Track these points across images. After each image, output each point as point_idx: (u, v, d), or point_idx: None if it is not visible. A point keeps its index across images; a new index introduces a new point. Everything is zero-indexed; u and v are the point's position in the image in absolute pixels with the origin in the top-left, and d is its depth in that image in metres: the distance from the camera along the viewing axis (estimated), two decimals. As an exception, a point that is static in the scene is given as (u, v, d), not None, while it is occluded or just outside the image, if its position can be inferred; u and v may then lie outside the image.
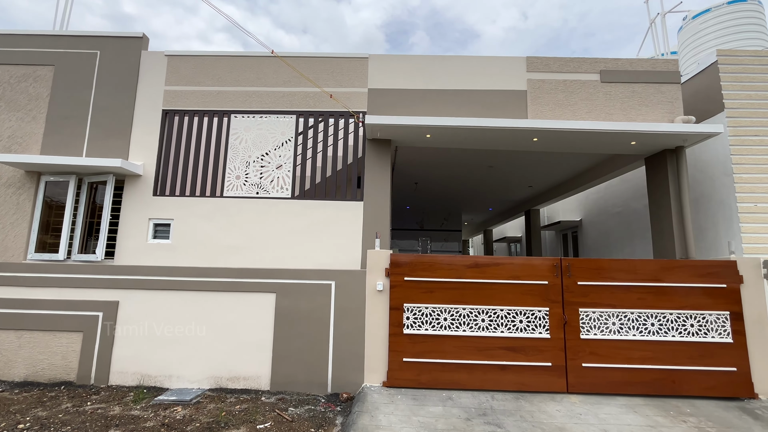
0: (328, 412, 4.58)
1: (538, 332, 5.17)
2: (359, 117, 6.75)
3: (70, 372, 5.31)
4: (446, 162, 8.81)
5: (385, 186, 6.56)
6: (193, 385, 5.19)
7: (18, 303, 5.51)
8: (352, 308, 5.34)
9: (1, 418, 4.15)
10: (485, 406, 4.57)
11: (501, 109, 6.75)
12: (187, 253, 6.44)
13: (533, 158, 8.37)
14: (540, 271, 5.30)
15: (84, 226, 6.65)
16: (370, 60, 7.02)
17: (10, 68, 7.15)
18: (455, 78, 6.93)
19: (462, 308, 5.25)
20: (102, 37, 7.15)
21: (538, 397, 4.87)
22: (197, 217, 6.57)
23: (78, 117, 6.88)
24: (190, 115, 6.95)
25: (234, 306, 5.43)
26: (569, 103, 6.76)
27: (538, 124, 6.12)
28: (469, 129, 6.20)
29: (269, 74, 6.98)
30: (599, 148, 6.98)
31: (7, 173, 6.82)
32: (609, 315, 5.15)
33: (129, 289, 5.47)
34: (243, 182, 6.72)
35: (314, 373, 5.20)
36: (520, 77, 6.89)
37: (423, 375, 5.09)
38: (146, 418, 4.22)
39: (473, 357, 5.12)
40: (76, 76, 7.02)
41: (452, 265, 5.35)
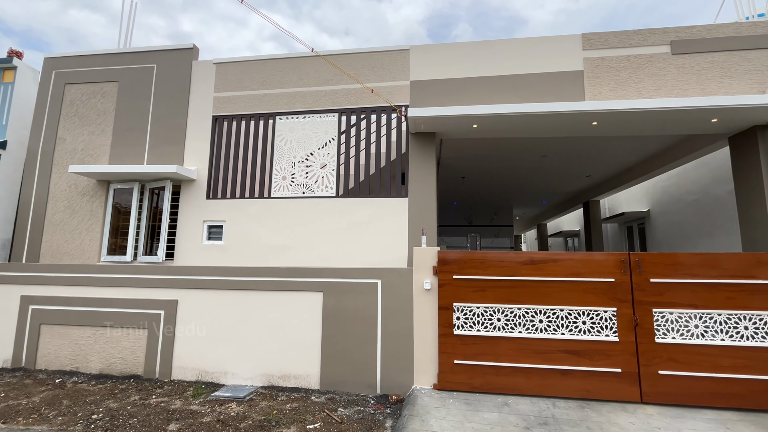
0: (378, 414, 4.47)
1: (605, 335, 4.68)
2: (402, 111, 6.57)
3: (138, 366, 5.67)
4: (495, 153, 8.37)
5: (430, 181, 6.33)
6: (246, 382, 5.32)
7: (93, 302, 5.98)
8: (399, 307, 5.19)
9: (79, 408, 4.50)
10: (546, 414, 4.21)
11: (554, 92, 6.24)
12: (238, 254, 6.65)
13: (592, 144, 7.69)
14: (605, 267, 4.80)
15: (147, 230, 7.11)
16: (411, 52, 6.81)
17: (82, 86, 7.82)
18: (502, 63, 6.52)
19: (517, 308, 4.89)
20: (157, 51, 7.59)
21: (606, 406, 4.41)
22: (247, 218, 6.76)
23: (139, 128, 7.37)
24: (237, 120, 7.17)
25: (283, 305, 5.49)
26: (634, 80, 6.09)
27: (598, 105, 5.55)
28: (520, 116, 5.77)
29: (311, 74, 7.01)
30: (671, 128, 6.22)
31: (82, 183, 7.46)
32: (690, 317, 4.54)
33: (186, 289, 5.74)
34: (289, 183, 6.81)
35: (363, 373, 5.12)
36: (575, 57, 6.32)
37: (476, 378, 4.82)
38: (203, 414, 4.36)
39: (531, 360, 4.75)
40: (137, 90, 7.52)
41: (504, 262, 5.00)
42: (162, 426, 4.05)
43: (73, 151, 7.62)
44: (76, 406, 4.57)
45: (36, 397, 4.81)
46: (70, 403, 4.63)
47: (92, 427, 4.03)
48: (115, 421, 4.15)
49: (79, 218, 7.34)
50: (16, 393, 4.95)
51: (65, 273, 6.04)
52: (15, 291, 6.04)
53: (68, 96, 7.84)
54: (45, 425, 4.07)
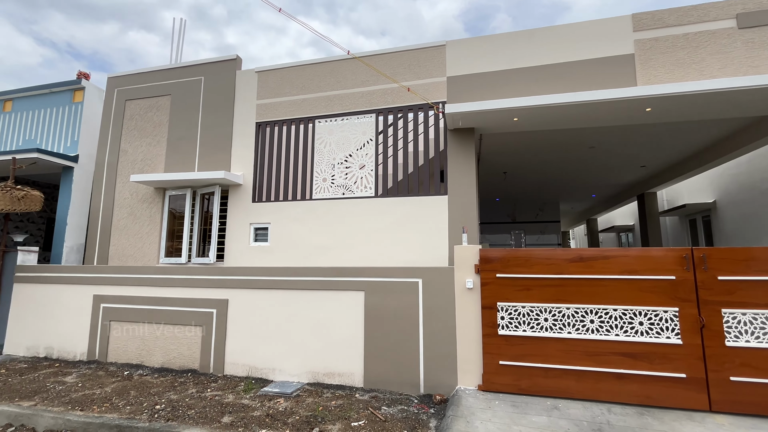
0: (421, 413, 4.44)
1: (665, 337, 4.34)
2: (439, 107, 6.49)
3: (195, 361, 6.04)
4: (538, 147, 8.03)
5: (470, 178, 6.20)
6: (293, 379, 5.49)
7: (154, 300, 6.45)
8: (441, 307, 5.13)
9: (144, 399, 4.87)
10: (600, 420, 3.98)
11: (601, 79, 5.88)
12: (282, 254, 6.88)
13: (646, 133, 7.16)
14: (664, 263, 4.45)
15: (199, 233, 7.56)
16: (447, 47, 6.70)
17: (140, 102, 8.46)
18: (543, 53, 6.24)
19: (565, 307, 4.67)
20: (204, 64, 8.04)
21: (669, 414, 4.09)
22: (290, 220, 6.98)
23: (190, 137, 7.85)
24: (279, 125, 7.43)
25: (325, 304, 5.61)
26: (693, 60, 5.60)
27: (652, 90, 5.16)
28: (565, 106, 5.50)
29: (348, 76, 7.11)
30: (740, 110, 5.64)
31: (142, 191, 8.07)
32: (767, 318, 4.10)
33: (235, 289, 6.03)
34: (329, 184, 6.95)
35: (406, 372, 5.11)
36: (625, 39, 5.92)
37: (523, 380, 4.65)
38: (254, 408, 4.56)
39: (582, 363, 4.51)
40: (187, 102, 8.01)
41: (551, 260, 4.79)
42: (217, 418, 4.29)
43: (133, 161, 8.27)
44: (142, 396, 4.95)
45: (108, 388, 5.27)
46: (136, 394, 5.02)
47: (156, 416, 4.35)
48: (176, 412, 4.45)
49: (140, 223, 7.95)
50: (91, 383, 5.45)
51: (129, 274, 6.56)
52: (88, 291, 6.65)
53: (128, 111, 8.51)
54: (116, 413, 4.44)
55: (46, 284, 6.88)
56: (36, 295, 6.91)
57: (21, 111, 9.51)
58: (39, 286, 6.93)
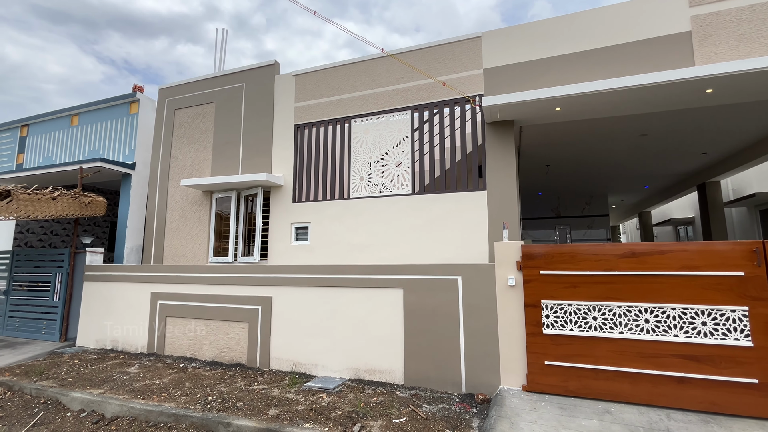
0: (463, 412, 4.37)
1: (733, 338, 3.98)
2: (475, 100, 6.34)
3: (242, 356, 6.32)
4: (582, 137, 7.62)
5: (510, 172, 6.00)
6: (335, 375, 5.60)
7: (204, 297, 6.82)
8: (481, 304, 5.01)
9: (197, 390, 5.16)
10: (658, 426, 3.71)
11: (653, 61, 5.48)
12: (322, 253, 7.03)
13: (706, 116, 6.58)
14: (730, 258, 4.07)
15: (244, 233, 7.89)
16: (483, 38, 6.52)
17: (188, 110, 8.96)
18: (586, 37, 5.91)
19: (616, 306, 4.40)
20: (245, 71, 8.37)
21: (738, 422, 3.74)
22: (329, 219, 7.11)
23: (233, 142, 8.21)
24: (316, 126, 7.59)
25: (365, 301, 5.66)
26: (762, 34, 5.07)
27: (713, 69, 4.72)
28: (612, 92, 5.17)
29: (382, 74, 7.12)
30: (818, 86, 5.05)
31: (191, 194, 8.55)
32: None
33: (279, 286, 6.23)
34: (366, 183, 7.00)
35: (446, 370, 5.05)
36: (680, 16, 5.47)
37: (571, 381, 4.44)
38: (298, 402, 4.70)
39: (636, 365, 4.24)
40: (230, 108, 8.38)
41: (599, 255, 4.53)
42: (263, 410, 4.46)
43: (183, 166, 8.78)
44: (195, 388, 5.25)
45: (165, 379, 5.64)
46: (191, 386, 5.34)
47: (208, 407, 4.59)
48: (226, 403, 4.67)
49: (190, 225, 8.43)
50: (151, 374, 5.86)
51: (182, 273, 6.98)
52: (147, 288, 7.16)
53: (178, 119, 9.04)
54: (173, 403, 4.74)
55: (111, 282, 7.49)
56: (102, 293, 7.54)
57: (86, 124, 10.39)
58: (104, 284, 7.55)
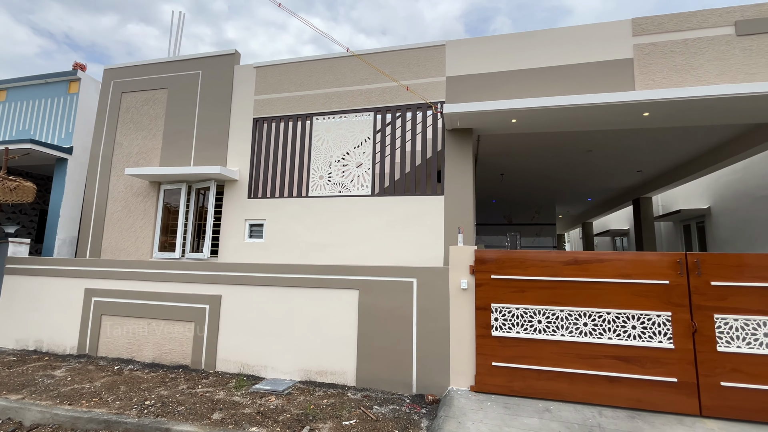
0: (413, 413, 4.43)
1: (658, 341, 4.36)
2: (437, 107, 6.48)
3: (186, 357, 5.99)
4: (535, 149, 8.04)
5: (467, 178, 6.19)
6: (285, 377, 5.46)
7: (146, 295, 6.39)
8: (435, 307, 5.12)
9: (134, 394, 4.82)
10: (591, 423, 3.98)
11: (600, 83, 5.89)
12: (277, 251, 6.85)
13: (644, 137, 7.18)
14: (658, 268, 4.47)
15: (194, 228, 7.50)
16: (447, 47, 6.69)
17: (137, 94, 8.39)
18: (542, 55, 6.24)
19: (559, 310, 4.67)
20: (202, 58, 7.98)
21: (660, 418, 4.10)
22: (286, 217, 6.95)
23: (186, 132, 7.79)
24: (276, 121, 7.39)
25: (320, 301, 5.59)
26: (692, 66, 5.62)
27: (650, 95, 5.17)
28: (563, 109, 5.50)
29: (347, 74, 7.08)
30: (736, 117, 5.67)
31: (137, 184, 8.00)
32: (759, 324, 4.12)
33: (229, 285, 5.99)
34: (326, 182, 6.92)
35: (398, 372, 5.10)
36: (624, 44, 5.93)
37: (516, 382, 4.65)
38: (245, 405, 4.53)
39: (574, 365, 4.52)
40: (184, 95, 7.95)
41: (546, 262, 4.79)
42: (207, 414, 4.25)
43: (128, 154, 8.19)
44: (132, 392, 4.90)
45: (97, 382, 5.21)
46: (126, 389, 4.97)
47: (145, 412, 4.30)
48: (166, 408, 4.40)
49: (134, 217, 7.88)
50: (80, 377, 5.39)
51: (122, 268, 6.50)
52: (80, 284, 6.58)
53: (125, 104, 8.43)
54: (105, 408, 4.39)
55: (37, 276, 6.81)
56: (26, 288, 6.83)
57: (15, 101, 9.40)
58: (30, 278, 6.85)
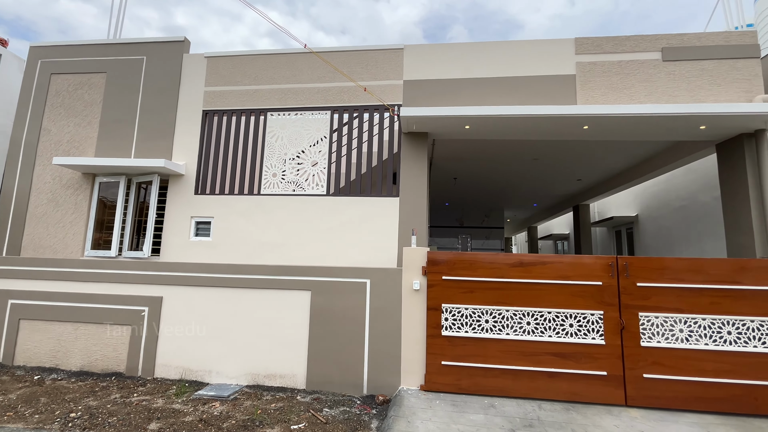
0: (363, 414, 4.43)
1: (591, 338, 4.71)
2: (394, 110, 6.54)
3: (120, 363, 5.55)
4: (487, 155, 8.38)
5: (422, 181, 6.31)
6: (231, 381, 5.24)
7: (75, 297, 5.85)
8: (387, 308, 5.16)
9: (57, 406, 4.38)
10: (531, 416, 4.21)
11: (546, 95, 6.26)
12: (226, 251, 6.55)
13: (583, 149, 7.74)
14: (592, 270, 4.83)
15: (133, 225, 6.97)
16: (405, 51, 6.78)
17: (69, 77, 7.65)
18: (496, 65, 6.52)
19: (505, 310, 4.90)
20: (147, 43, 7.45)
21: (591, 409, 4.43)
22: (236, 215, 6.67)
23: (127, 120, 7.23)
24: (228, 115, 7.08)
25: (270, 303, 5.43)
26: (625, 86, 6.14)
27: (589, 110, 5.58)
28: (512, 118, 5.78)
29: (304, 70, 6.94)
30: (661, 134, 6.28)
31: (67, 175, 7.29)
32: (675, 321, 4.59)
33: (172, 286, 5.64)
34: (279, 180, 6.73)
35: (349, 373, 5.08)
36: (568, 61, 6.35)
37: (463, 380, 4.81)
38: (186, 413, 4.28)
39: (518, 362, 4.76)
40: (126, 82, 7.37)
41: (494, 264, 5.00)
42: (142, 425, 3.97)
43: (58, 142, 7.44)
44: (54, 403, 4.45)
45: (12, 395, 4.68)
46: (48, 401, 4.51)
47: (70, 425, 3.93)
48: (94, 420, 4.05)
49: (62, 211, 7.17)
50: (-9, 390, 4.81)
51: (47, 267, 5.90)
52: (-6, 285, 5.88)
53: (54, 86, 7.65)
54: (21, 423, 3.95)
55: (-60, 276, 5.98)
56: (-74, 289, 5.98)
57: None
58: (-70, 278, 6.00)
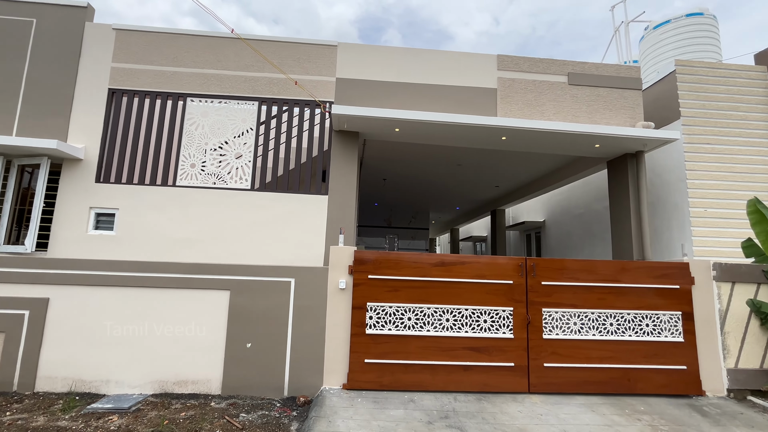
0: (283, 417, 4.31)
1: (502, 332, 5.12)
2: (326, 107, 6.46)
3: (-11, 378, 4.70)
4: (415, 158, 8.68)
5: (351, 180, 6.31)
6: (134, 391, 4.73)
7: (-73, 299, 4.82)
8: (312, 307, 5.07)
9: None
10: (447, 408, 4.45)
11: (471, 106, 6.67)
12: (134, 247, 5.91)
13: (501, 158, 8.39)
14: (505, 270, 5.26)
15: (12, 214, 5.95)
16: (339, 48, 6.73)
17: (-73, 32, 6.28)
18: (427, 72, 6.78)
19: (427, 308, 5.11)
20: (39, 4, 6.40)
21: (500, 397, 4.82)
22: (147, 207, 6.04)
23: (8, 92, 6.15)
24: (141, 96, 6.39)
25: (184, 304, 5.02)
26: (538, 103, 6.78)
27: (507, 122, 6.07)
28: (439, 124, 6.06)
29: (230, 57, 6.53)
30: (565, 149, 7.06)
31: None
32: (571, 315, 5.19)
33: (62, 285, 4.93)
34: (199, 171, 6.25)
35: (270, 375, 4.90)
36: (491, 75, 6.84)
37: (385, 376, 4.91)
38: (74, 430, 3.77)
39: (437, 357, 5.00)
40: (8, 46, 6.27)
41: (418, 263, 5.19)
42: (17, 448, 3.41)
43: None
44: None
45: None
46: None
47: None
48: (-50, 447, 3.38)
49: None
50: None
51: None
52: None
53: None
54: None
55: None
56: None
57: None
58: None
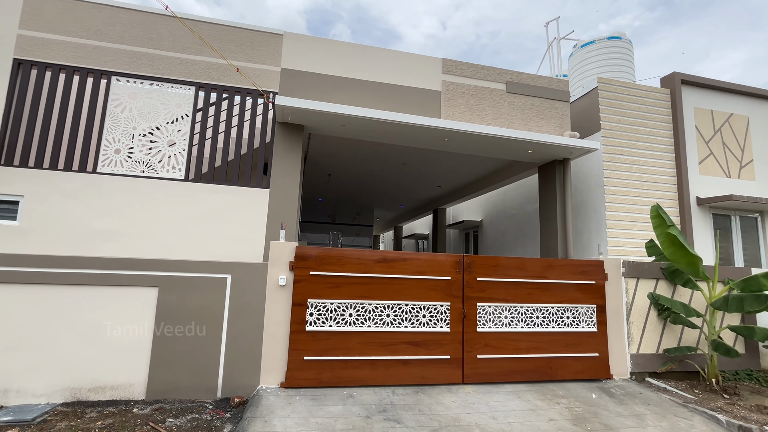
0: (216, 419, 4.11)
1: (440, 326, 5.32)
2: (269, 97, 6.23)
3: None
4: (361, 155, 8.69)
5: (294, 174, 6.16)
6: (39, 400, 4.23)
7: None
8: (250, 304, 4.89)
9: None
10: (386, 402, 4.54)
11: (416, 106, 6.82)
12: (42, 238, 5.26)
13: (443, 158, 8.69)
14: (444, 267, 5.46)
15: None
16: (284, 38, 6.52)
17: None
18: (374, 70, 6.81)
19: (368, 303, 5.16)
20: None
21: (436, 389, 5.01)
22: (60, 195, 5.41)
23: None
24: (54, 70, 5.69)
25: (103, 302, 4.58)
26: (479, 108, 7.12)
27: (449, 125, 6.30)
28: (385, 123, 6.13)
29: (164, 36, 6.05)
30: (502, 153, 7.49)
31: None
32: (502, 309, 5.53)
33: (-52, 283, 4.26)
34: (125, 158, 5.72)
35: (202, 376, 4.64)
36: (436, 78, 7.05)
37: (325, 373, 4.88)
38: (-38, 448, 3.29)
39: (377, 353, 5.06)
40: None
41: (361, 260, 5.22)
42: None
43: None
44: None
45: None
46: None
47: None
48: None
49: None
50: None
51: None
52: None
53: None
54: None
55: None
56: None
57: None
58: None
